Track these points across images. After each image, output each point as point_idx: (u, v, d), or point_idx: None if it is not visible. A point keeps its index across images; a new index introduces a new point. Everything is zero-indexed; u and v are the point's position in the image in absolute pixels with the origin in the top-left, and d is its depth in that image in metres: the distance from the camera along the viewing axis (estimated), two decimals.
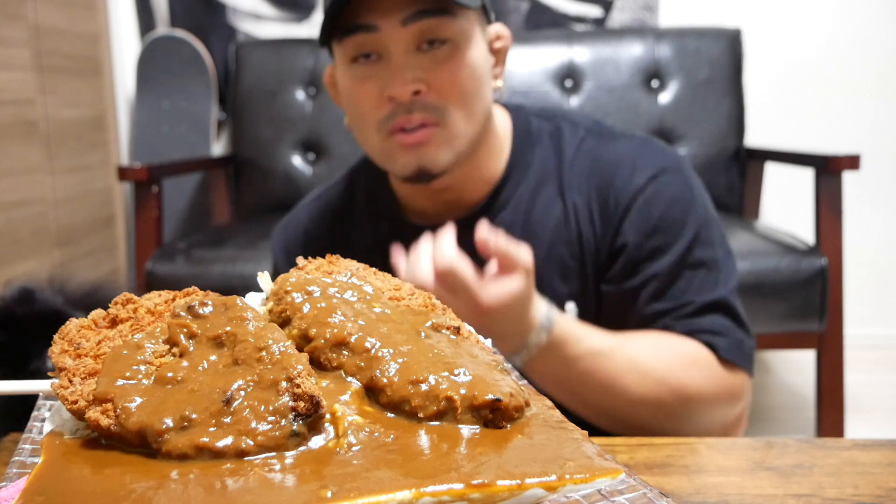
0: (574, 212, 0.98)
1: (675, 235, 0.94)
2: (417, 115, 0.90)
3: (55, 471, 0.39)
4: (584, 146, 1.01)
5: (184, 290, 0.52)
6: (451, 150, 0.92)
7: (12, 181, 2.05)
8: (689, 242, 0.94)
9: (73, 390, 0.43)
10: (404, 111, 0.90)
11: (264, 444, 0.39)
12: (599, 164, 0.98)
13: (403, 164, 0.93)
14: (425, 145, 0.91)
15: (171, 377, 0.43)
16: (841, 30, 2.58)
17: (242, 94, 2.48)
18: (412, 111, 0.90)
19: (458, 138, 0.93)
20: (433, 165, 0.92)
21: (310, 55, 2.47)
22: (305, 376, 0.41)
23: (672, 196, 0.95)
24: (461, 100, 0.91)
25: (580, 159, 0.99)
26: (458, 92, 0.91)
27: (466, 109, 0.92)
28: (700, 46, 2.35)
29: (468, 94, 0.91)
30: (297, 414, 0.40)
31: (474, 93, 0.92)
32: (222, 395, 0.41)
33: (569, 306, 0.98)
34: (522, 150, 1.02)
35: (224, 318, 0.46)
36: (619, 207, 0.95)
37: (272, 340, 0.44)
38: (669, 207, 0.94)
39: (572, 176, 0.99)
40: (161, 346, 0.46)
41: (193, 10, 2.65)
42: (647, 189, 0.95)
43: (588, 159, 0.99)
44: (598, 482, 0.39)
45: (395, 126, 0.91)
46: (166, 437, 0.39)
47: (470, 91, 0.92)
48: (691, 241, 0.94)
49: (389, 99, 0.90)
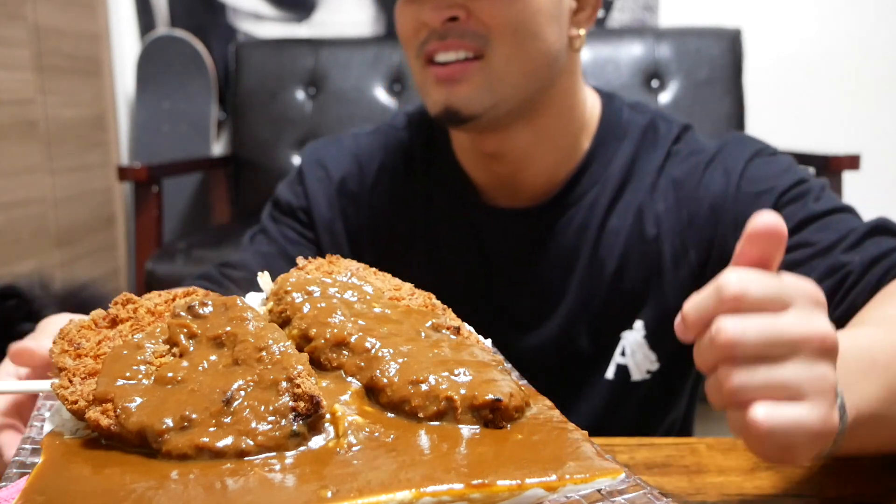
0: (656, 221, 0.87)
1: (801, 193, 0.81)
2: (453, 41, 0.79)
3: (55, 471, 0.39)
4: (677, 148, 0.89)
5: (184, 290, 0.52)
6: (489, 93, 0.80)
7: (12, 181, 2.05)
8: (816, 194, 0.80)
9: (73, 390, 0.43)
10: (437, 37, 0.79)
11: (264, 445, 0.39)
12: (690, 169, 0.87)
13: (434, 100, 0.82)
14: (459, 81, 0.80)
15: (171, 377, 0.43)
16: (841, 30, 2.58)
17: (242, 94, 2.48)
18: (446, 37, 0.79)
19: (502, 80, 0.80)
20: (464, 106, 0.81)
21: (310, 55, 2.47)
22: (305, 376, 0.41)
23: (770, 171, 0.84)
24: (508, 31, 0.78)
25: (672, 162, 0.88)
26: (505, 21, 0.78)
27: (516, 46, 0.79)
28: (700, 46, 2.35)
29: (519, 27, 0.78)
30: (297, 414, 0.40)
31: (528, 27, 0.79)
32: (222, 396, 0.41)
33: (636, 325, 0.89)
34: (607, 141, 0.90)
35: (224, 319, 0.46)
36: (721, 210, 0.84)
37: (272, 340, 0.44)
38: (777, 178, 0.83)
39: (660, 179, 0.88)
40: (161, 346, 0.46)
41: (193, 10, 2.65)
42: (745, 174, 0.84)
43: (678, 162, 0.88)
44: (598, 482, 0.39)
45: (428, 53, 0.81)
46: (166, 437, 0.39)
47: (521, 23, 0.78)
48: (817, 192, 0.81)
49: (424, 24, 0.80)
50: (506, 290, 0.92)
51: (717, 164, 0.86)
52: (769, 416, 0.44)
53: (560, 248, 0.89)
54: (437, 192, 0.94)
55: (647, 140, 0.90)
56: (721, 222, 0.84)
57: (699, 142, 0.90)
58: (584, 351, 0.90)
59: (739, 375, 0.45)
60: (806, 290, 0.47)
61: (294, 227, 0.96)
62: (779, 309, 0.46)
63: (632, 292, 0.88)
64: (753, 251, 0.47)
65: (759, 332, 0.45)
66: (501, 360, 0.49)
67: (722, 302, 0.46)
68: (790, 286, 0.47)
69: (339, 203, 0.96)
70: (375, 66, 2.42)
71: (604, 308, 0.89)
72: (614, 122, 0.90)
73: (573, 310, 0.90)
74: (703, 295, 0.47)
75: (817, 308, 0.47)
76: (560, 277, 0.90)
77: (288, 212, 0.97)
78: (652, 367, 0.90)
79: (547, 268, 0.90)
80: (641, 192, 0.88)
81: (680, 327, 0.49)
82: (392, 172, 0.96)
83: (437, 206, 0.94)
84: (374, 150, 0.97)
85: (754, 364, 0.45)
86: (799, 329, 0.45)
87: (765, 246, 0.47)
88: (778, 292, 0.46)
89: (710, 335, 0.46)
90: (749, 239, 0.47)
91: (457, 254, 0.93)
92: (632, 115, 0.91)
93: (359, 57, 2.43)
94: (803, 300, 0.47)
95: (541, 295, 0.91)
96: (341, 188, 0.96)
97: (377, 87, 2.41)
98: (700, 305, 0.47)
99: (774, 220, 0.47)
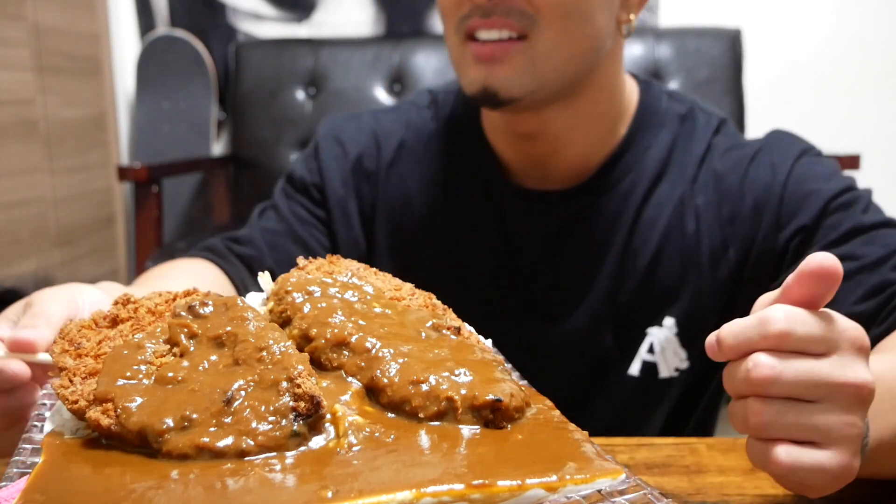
0: (695, 215, 0.84)
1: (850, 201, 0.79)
2: (497, 19, 0.75)
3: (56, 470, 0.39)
4: (718, 140, 0.87)
5: (184, 290, 0.52)
6: (531, 76, 0.77)
7: (12, 181, 2.05)
8: (864, 205, 0.78)
9: (73, 390, 0.43)
10: (481, 13, 0.76)
11: (265, 444, 0.39)
12: (732, 163, 0.84)
13: (471, 79, 0.79)
14: (500, 62, 0.76)
15: (171, 377, 0.43)
16: (841, 30, 2.58)
17: (242, 94, 2.48)
18: (490, 14, 0.75)
19: (545, 63, 0.77)
20: (503, 88, 0.77)
21: (310, 55, 2.47)
22: (306, 376, 0.41)
23: (819, 172, 0.82)
24: (558, 13, 0.75)
25: (713, 155, 0.86)
26: (556, 2, 0.75)
27: (563, 29, 0.76)
28: (700, 46, 2.35)
29: (570, 9, 0.75)
30: (297, 414, 0.40)
31: (579, 9, 0.76)
32: (223, 395, 0.41)
33: (666, 321, 0.86)
34: (645, 128, 0.87)
35: (225, 318, 0.46)
36: (765, 207, 0.81)
37: (272, 340, 0.44)
38: (826, 181, 0.80)
39: (700, 172, 0.85)
40: (162, 345, 0.46)
41: (193, 10, 2.65)
42: (793, 173, 0.81)
43: (718, 156, 0.86)
44: (599, 482, 0.39)
45: (469, 28, 0.77)
46: (167, 437, 0.39)
47: (573, 4, 0.75)
48: (865, 203, 0.79)
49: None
50: (528, 277, 0.88)
51: (763, 159, 0.83)
52: (791, 457, 0.45)
53: (591, 236, 0.86)
54: (461, 171, 0.91)
55: (685, 130, 0.87)
56: (764, 220, 0.81)
57: (738, 136, 0.88)
58: (607, 346, 0.88)
59: (770, 413, 0.45)
60: (851, 335, 0.47)
61: (305, 205, 0.95)
62: (821, 352, 0.46)
63: (664, 288, 0.85)
64: (804, 290, 0.46)
65: (796, 374, 0.45)
66: (502, 360, 0.49)
67: (765, 337, 0.45)
68: (835, 329, 0.46)
69: (354, 181, 0.94)
70: (375, 66, 2.42)
71: (632, 302, 0.86)
72: (653, 109, 0.88)
73: (600, 302, 0.87)
74: (745, 324, 0.47)
75: (859, 355, 0.47)
76: (588, 266, 0.87)
77: (301, 188, 0.95)
78: (682, 365, 0.87)
79: (575, 255, 0.87)
80: (681, 183, 0.85)
81: (712, 347, 0.48)
82: (411, 150, 0.93)
83: (460, 186, 0.90)
84: (394, 128, 0.95)
85: (786, 403, 0.45)
86: (836, 376, 0.45)
87: (817, 286, 0.46)
88: (822, 336, 0.46)
89: (746, 366, 0.46)
90: (801, 277, 0.46)
91: (478, 234, 0.90)
92: (670, 104, 0.89)
93: (359, 57, 2.43)
94: (847, 345, 0.46)
95: (566, 284, 0.88)
96: (357, 166, 0.94)
97: (377, 87, 2.41)
98: (740, 334, 0.47)
99: (831, 261, 0.46)
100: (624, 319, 0.87)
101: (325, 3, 2.62)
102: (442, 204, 0.91)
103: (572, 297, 0.88)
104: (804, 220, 0.79)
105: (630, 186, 0.85)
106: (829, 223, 0.78)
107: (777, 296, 0.48)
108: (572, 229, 0.87)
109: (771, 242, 0.81)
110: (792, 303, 0.47)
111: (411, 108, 0.97)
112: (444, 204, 0.91)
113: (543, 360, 0.89)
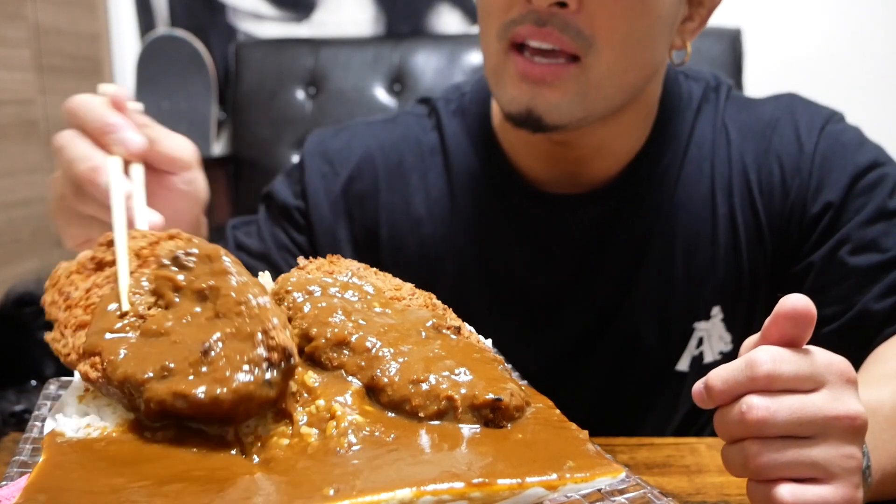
0: (726, 193, 0.81)
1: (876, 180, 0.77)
2: (552, 31, 0.68)
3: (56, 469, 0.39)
4: (728, 111, 0.84)
5: (167, 233, 0.52)
6: (581, 104, 0.71)
7: (12, 181, 2.05)
8: (892, 185, 0.77)
9: (65, 343, 0.45)
10: (534, 21, 0.68)
11: (238, 391, 0.40)
12: (751, 131, 0.82)
13: (512, 97, 0.72)
14: (550, 85, 0.70)
15: (155, 330, 0.44)
16: (841, 30, 2.58)
17: (242, 94, 2.48)
18: (546, 24, 0.68)
19: (598, 91, 0.71)
20: (549, 115, 0.71)
21: (310, 55, 2.47)
22: (280, 329, 0.42)
23: (846, 141, 0.80)
24: (618, 37, 0.69)
25: (729, 127, 0.83)
26: (617, 24, 0.68)
27: (621, 54, 0.70)
28: (700, 46, 2.34)
29: (630, 34, 0.69)
30: (269, 364, 0.41)
31: (639, 35, 0.70)
32: (202, 347, 0.42)
33: (714, 311, 0.83)
34: (669, 117, 0.83)
35: (208, 271, 0.46)
36: (797, 174, 0.79)
37: (252, 295, 0.44)
38: (853, 152, 0.79)
39: (719, 147, 0.82)
40: (148, 297, 0.47)
41: (193, 10, 2.65)
42: (819, 146, 0.79)
43: (736, 127, 0.83)
44: (599, 481, 0.39)
45: (517, 36, 0.70)
46: (147, 386, 0.41)
47: (634, 30, 0.69)
48: (892, 183, 0.77)
49: (522, 0, 0.69)
50: (566, 284, 0.84)
51: (785, 131, 0.81)
52: (794, 496, 0.45)
53: (627, 234, 0.83)
54: (478, 183, 0.84)
55: (706, 109, 0.84)
56: (793, 193, 0.79)
57: (745, 101, 0.86)
58: (652, 345, 0.84)
59: (769, 454, 0.45)
60: (837, 368, 0.47)
61: (286, 230, 0.88)
62: (810, 388, 0.46)
63: (705, 271, 0.82)
64: (783, 331, 0.47)
65: (790, 412, 0.45)
66: (501, 359, 0.49)
67: (753, 380, 0.46)
68: (821, 365, 0.47)
69: (345, 204, 0.86)
70: (375, 66, 2.42)
71: (677, 297, 0.82)
72: (675, 95, 0.84)
73: (642, 301, 0.83)
74: (731, 368, 0.47)
75: (847, 386, 0.47)
76: (628, 265, 0.83)
77: (282, 212, 0.88)
78: (726, 347, 0.84)
79: (611, 256, 0.83)
80: (707, 161, 0.82)
81: (700, 394, 0.49)
82: (412, 166, 0.86)
83: (479, 198, 0.84)
84: (391, 142, 0.87)
85: (782, 442, 0.46)
86: (829, 410, 0.46)
87: (793, 328, 0.47)
88: (810, 372, 0.46)
89: (740, 409, 0.46)
90: (776, 319, 0.47)
91: (509, 247, 0.84)
92: (688, 84, 0.86)
93: (359, 57, 2.43)
94: (834, 378, 0.47)
95: (605, 287, 0.84)
96: (348, 187, 0.87)
97: (377, 87, 2.41)
98: (729, 378, 0.47)
99: (804, 304, 0.47)
100: (669, 316, 0.84)
101: (325, 3, 2.62)
102: (459, 219, 0.85)
103: (612, 300, 0.84)
104: (832, 195, 0.77)
105: (661, 177, 0.82)
106: (856, 205, 0.76)
107: (759, 338, 0.49)
108: (606, 230, 0.83)
109: (799, 214, 0.79)
110: (773, 344, 0.47)
111: (409, 118, 0.90)
112: (463, 219, 0.85)
113: (587, 368, 0.86)
